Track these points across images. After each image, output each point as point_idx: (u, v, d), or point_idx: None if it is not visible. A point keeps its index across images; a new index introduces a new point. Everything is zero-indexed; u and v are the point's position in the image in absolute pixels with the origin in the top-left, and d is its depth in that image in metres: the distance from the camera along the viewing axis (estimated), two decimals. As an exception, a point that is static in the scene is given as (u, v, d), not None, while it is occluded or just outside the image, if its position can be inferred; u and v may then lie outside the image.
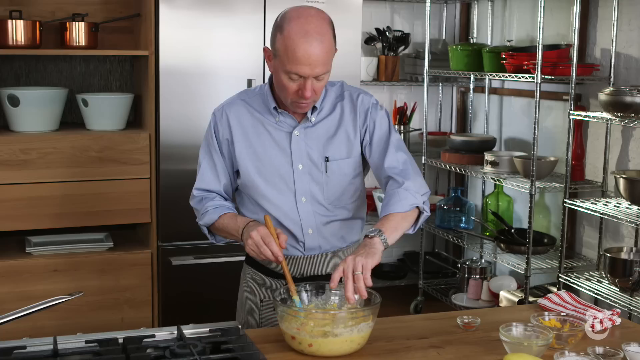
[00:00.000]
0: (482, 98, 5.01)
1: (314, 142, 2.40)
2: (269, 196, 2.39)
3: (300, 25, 2.19)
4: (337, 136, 2.42)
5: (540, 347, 2.03)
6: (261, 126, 2.40)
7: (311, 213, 2.41)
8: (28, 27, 3.82)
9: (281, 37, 2.21)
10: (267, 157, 2.39)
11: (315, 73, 2.21)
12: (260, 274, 2.49)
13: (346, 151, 2.42)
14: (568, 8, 4.13)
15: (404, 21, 5.20)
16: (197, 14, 3.87)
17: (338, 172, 2.42)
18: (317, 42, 2.18)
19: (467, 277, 4.62)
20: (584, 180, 4.06)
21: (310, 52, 2.18)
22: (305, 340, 2.04)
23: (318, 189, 2.41)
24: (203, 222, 2.41)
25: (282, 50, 2.21)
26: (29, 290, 3.75)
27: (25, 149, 3.73)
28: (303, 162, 2.39)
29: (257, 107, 2.41)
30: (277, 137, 2.39)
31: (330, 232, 2.45)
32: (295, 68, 2.20)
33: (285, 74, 2.23)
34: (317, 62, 2.20)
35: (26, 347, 1.99)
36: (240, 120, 2.40)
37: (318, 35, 2.19)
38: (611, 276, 3.45)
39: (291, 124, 2.39)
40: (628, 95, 3.37)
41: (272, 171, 2.39)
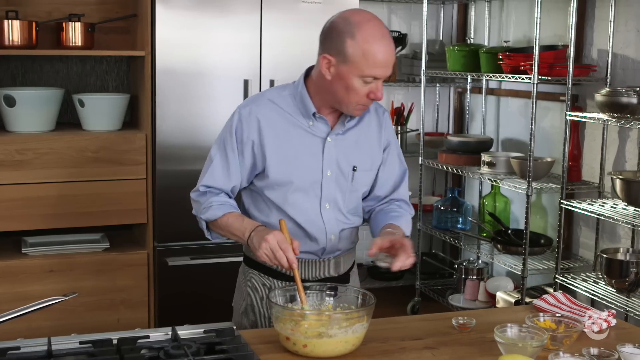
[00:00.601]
0: (479, 99, 5.01)
1: (344, 150, 2.39)
2: (295, 201, 2.37)
3: (375, 29, 2.21)
4: (363, 147, 2.43)
5: (534, 348, 2.03)
6: (293, 129, 2.35)
7: (333, 219, 2.42)
8: (24, 27, 3.81)
9: (354, 41, 2.19)
10: (299, 162, 2.35)
11: (388, 74, 2.25)
12: (271, 278, 2.45)
13: (370, 163, 2.45)
14: (565, 9, 4.13)
15: (401, 22, 5.20)
16: (193, 14, 3.86)
17: (361, 182, 2.45)
18: (391, 43, 2.23)
19: (464, 278, 4.62)
20: (580, 181, 4.06)
21: (388, 54, 2.22)
22: (300, 341, 2.04)
23: (341, 196, 2.41)
24: (205, 216, 2.35)
25: (357, 55, 2.19)
26: (25, 290, 3.74)
27: (22, 149, 3.73)
28: (332, 169, 2.38)
29: (288, 109, 2.36)
30: (309, 141, 2.36)
31: (345, 237, 2.48)
32: (374, 71, 2.20)
33: (360, 78, 2.22)
34: (391, 62, 2.24)
35: (20, 348, 1.98)
36: (271, 123, 2.34)
37: (389, 36, 2.24)
38: (608, 277, 3.45)
39: (325, 130, 2.37)
40: (625, 96, 3.37)
41: (302, 176, 2.36)
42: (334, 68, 2.24)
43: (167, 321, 3.66)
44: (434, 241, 5.48)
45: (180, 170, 3.92)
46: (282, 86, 2.44)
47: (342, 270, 2.50)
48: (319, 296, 2.25)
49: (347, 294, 2.27)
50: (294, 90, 2.39)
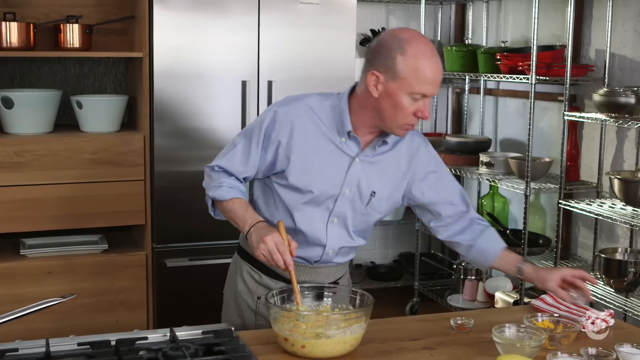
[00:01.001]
0: (477, 99, 5.01)
1: (368, 173, 2.38)
2: (305, 208, 2.37)
3: (425, 45, 2.21)
4: (388, 175, 2.41)
5: (533, 348, 2.03)
6: (324, 141, 2.34)
7: (337, 235, 2.42)
8: (22, 29, 3.81)
9: (404, 57, 2.18)
10: (321, 174, 2.34)
11: (436, 92, 2.25)
12: (260, 272, 2.47)
13: (389, 191, 2.44)
14: (563, 9, 4.14)
15: (399, 22, 5.20)
16: (191, 15, 3.86)
17: (377, 209, 2.44)
18: (439, 61, 2.24)
19: (462, 278, 4.62)
20: (578, 181, 4.06)
21: (437, 71, 2.22)
22: (298, 341, 2.04)
23: (351, 215, 2.41)
24: (212, 194, 2.36)
25: (408, 71, 2.18)
26: (23, 292, 3.74)
27: (20, 151, 3.73)
28: (351, 188, 2.37)
29: (325, 120, 2.34)
30: (336, 157, 2.35)
31: (343, 253, 2.48)
32: (424, 88, 2.19)
33: (409, 95, 2.21)
34: (440, 80, 2.24)
35: (18, 350, 1.98)
36: (304, 129, 2.33)
37: (436, 52, 2.24)
38: (606, 277, 3.45)
39: (355, 150, 2.35)
40: (622, 96, 3.37)
41: (320, 188, 2.35)
42: (382, 85, 2.22)
43: (166, 322, 3.67)
44: (432, 241, 5.48)
45: (178, 172, 3.92)
46: (326, 95, 2.40)
47: (332, 279, 2.50)
48: (316, 296, 2.26)
49: (345, 294, 2.27)
50: (335, 103, 2.36)
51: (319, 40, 4.09)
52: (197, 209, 3.93)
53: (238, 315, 2.52)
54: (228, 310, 2.57)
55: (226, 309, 2.59)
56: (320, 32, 4.07)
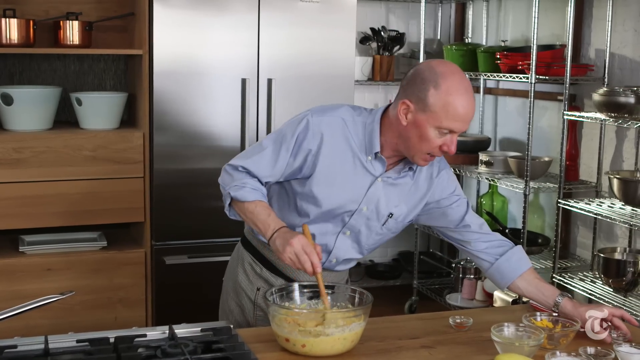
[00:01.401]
0: (476, 98, 4.99)
1: (388, 194, 2.38)
2: (319, 218, 2.36)
3: (460, 82, 2.18)
4: (407, 197, 2.41)
5: (531, 348, 2.03)
6: (351, 156, 2.33)
7: (346, 247, 2.42)
8: (22, 26, 3.81)
9: (437, 91, 2.17)
10: (342, 188, 2.33)
11: (465, 129, 2.23)
12: (261, 265, 2.47)
13: (407, 214, 2.44)
14: (563, 8, 4.13)
15: (399, 21, 5.20)
16: (191, 13, 3.86)
17: (392, 230, 2.45)
18: (473, 99, 2.20)
19: (461, 277, 4.62)
20: (578, 180, 4.07)
21: (469, 109, 2.18)
22: (299, 341, 2.04)
23: (366, 233, 2.41)
24: (234, 194, 2.30)
25: (438, 105, 2.17)
26: (22, 289, 3.74)
27: (19, 147, 3.72)
28: (370, 206, 2.37)
29: (355, 135, 2.34)
30: (360, 174, 2.34)
31: (346, 263, 2.49)
32: (452, 124, 2.17)
33: (436, 129, 2.19)
34: (471, 118, 2.21)
35: (17, 347, 1.98)
36: (333, 141, 2.32)
37: (472, 91, 2.21)
38: (605, 276, 3.46)
39: (379, 170, 2.35)
40: (622, 95, 3.37)
41: (339, 202, 2.34)
42: (412, 115, 2.21)
43: (165, 320, 3.68)
44: (431, 240, 5.48)
45: (177, 169, 3.92)
46: (359, 110, 2.39)
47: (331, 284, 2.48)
48: (316, 295, 2.25)
49: (344, 292, 2.27)
50: (367, 120, 2.35)
51: (319, 39, 4.09)
52: (196, 206, 3.95)
53: (237, 304, 2.52)
54: (227, 298, 2.56)
55: (225, 297, 2.58)
56: (320, 30, 4.07)
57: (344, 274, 2.57)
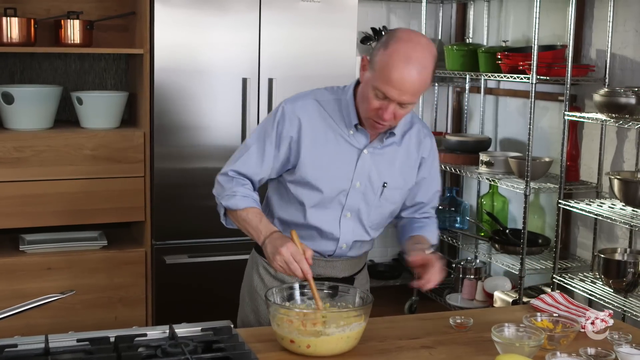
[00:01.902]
0: (477, 98, 5.01)
1: (378, 165, 2.38)
2: (316, 204, 2.37)
3: (407, 49, 2.15)
4: (398, 165, 2.42)
5: (532, 348, 2.03)
6: (332, 134, 2.35)
7: (350, 230, 2.42)
8: (23, 25, 3.81)
9: (383, 52, 2.17)
10: (330, 168, 2.35)
11: (402, 100, 2.18)
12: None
13: (402, 182, 2.44)
14: (564, 9, 4.13)
15: (400, 20, 5.20)
16: (192, 12, 3.86)
17: (390, 200, 2.45)
18: (415, 70, 2.14)
19: (461, 277, 4.62)
20: (578, 181, 4.06)
21: (406, 78, 2.14)
22: (304, 341, 2.04)
23: (366, 209, 2.42)
24: (226, 203, 2.34)
25: (379, 65, 2.17)
26: (22, 288, 3.74)
27: (19, 146, 3.72)
28: (362, 181, 2.38)
29: (332, 113, 2.36)
30: (345, 150, 2.36)
31: (357, 247, 2.49)
32: (385, 88, 2.16)
33: (373, 89, 2.19)
34: (408, 89, 2.16)
35: (17, 346, 1.98)
36: (312, 123, 2.34)
37: (419, 64, 2.15)
38: (605, 277, 3.45)
39: (363, 142, 2.36)
40: (623, 96, 3.37)
41: (330, 182, 2.36)
42: (364, 72, 2.25)
43: (165, 319, 3.68)
44: (431, 240, 5.48)
45: (178, 169, 3.92)
46: (332, 88, 2.42)
47: (347, 274, 2.50)
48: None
49: (345, 293, 2.27)
50: (341, 96, 2.37)
51: (319, 38, 4.09)
52: (196, 206, 3.95)
53: (252, 310, 2.52)
54: (244, 305, 2.58)
55: (242, 305, 2.59)
56: (321, 30, 4.07)
57: (361, 261, 2.56)
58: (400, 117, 2.25)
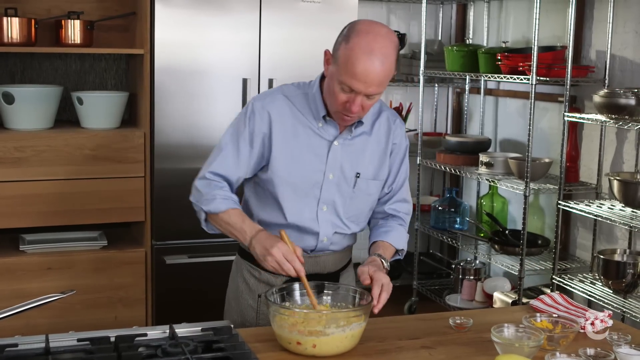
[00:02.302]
0: (477, 99, 5.01)
1: (349, 155, 2.40)
2: (292, 199, 2.38)
3: (368, 41, 2.16)
4: (370, 154, 2.44)
5: (531, 348, 2.04)
6: (301, 128, 2.37)
7: (329, 222, 2.43)
8: (23, 25, 3.81)
9: (345, 46, 2.18)
10: (302, 161, 2.36)
11: (368, 92, 2.20)
12: (260, 269, 2.47)
13: (374, 172, 2.46)
14: (564, 10, 4.14)
15: (400, 21, 5.20)
16: (192, 12, 3.87)
17: (365, 191, 2.45)
18: (379, 62, 2.16)
19: (461, 278, 4.62)
20: (578, 182, 4.07)
21: (370, 71, 2.16)
22: (309, 341, 2.04)
23: (341, 201, 2.42)
24: (207, 208, 2.34)
25: (342, 59, 2.19)
26: (22, 288, 3.74)
27: (20, 146, 3.73)
28: (335, 172, 2.39)
29: (300, 107, 2.38)
30: (316, 142, 2.37)
31: (338, 240, 2.49)
32: (350, 81, 2.18)
33: (339, 83, 2.21)
34: (373, 81, 2.18)
35: (18, 345, 1.99)
36: (282, 118, 2.36)
37: (382, 55, 2.16)
38: (605, 278, 3.46)
39: (333, 133, 2.38)
40: (622, 97, 3.37)
41: (302, 175, 2.37)
42: (328, 66, 2.28)
43: (165, 319, 3.68)
44: (431, 241, 5.49)
45: (178, 169, 3.92)
46: (298, 84, 2.45)
47: (332, 269, 2.51)
48: (316, 294, 2.26)
49: (344, 292, 2.28)
50: (308, 90, 2.40)
51: (319, 39, 4.07)
52: (196, 206, 3.94)
53: (239, 314, 2.52)
54: (230, 310, 2.58)
55: (228, 309, 2.60)
56: (321, 31, 4.07)
57: (346, 255, 2.56)
58: (368, 107, 2.28)
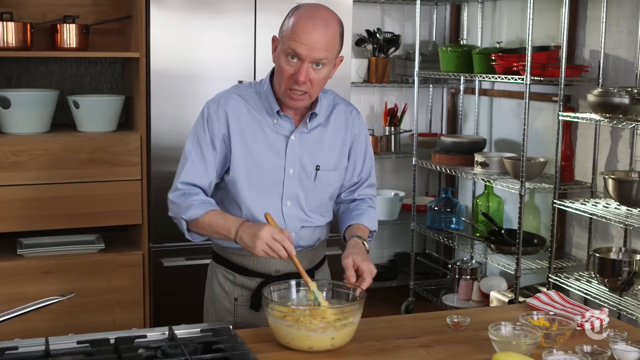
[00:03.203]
0: (472, 99, 5.03)
1: (307, 148, 2.42)
2: (255, 197, 2.39)
3: (309, 11, 2.27)
4: (328, 146, 2.46)
5: (528, 346, 2.05)
6: (257, 126, 2.39)
7: (295, 217, 2.44)
8: (19, 29, 3.82)
9: (288, 20, 2.28)
10: (261, 158, 2.38)
11: (313, 56, 2.24)
12: (234, 273, 2.49)
13: (335, 163, 2.48)
14: (557, 10, 4.16)
15: (395, 23, 5.22)
16: (188, 15, 3.88)
17: (325, 182, 2.47)
18: (320, 25, 2.24)
19: (457, 278, 4.64)
20: (573, 181, 4.09)
21: (312, 33, 2.23)
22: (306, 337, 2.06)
23: (303, 195, 2.44)
24: (186, 216, 2.36)
25: (285, 30, 2.27)
26: (20, 291, 3.74)
27: (16, 150, 3.73)
28: (295, 167, 2.41)
29: (254, 105, 2.40)
30: (273, 139, 2.39)
31: (307, 235, 2.49)
32: (294, 44, 2.23)
33: (284, 55, 2.26)
34: (316, 44, 2.23)
35: (18, 348, 1.99)
36: (237, 117, 2.38)
37: (323, 21, 2.25)
38: (600, 276, 3.47)
39: (289, 128, 2.40)
40: (616, 96, 3.39)
41: (263, 172, 2.39)
42: (276, 52, 2.33)
43: (163, 322, 3.68)
44: (427, 241, 5.50)
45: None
46: (250, 84, 2.48)
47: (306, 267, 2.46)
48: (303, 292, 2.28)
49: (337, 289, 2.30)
50: (259, 88, 2.43)
51: (315, 41, 4.10)
52: (193, 208, 3.95)
53: (216, 318, 2.53)
54: (208, 315, 2.59)
55: (206, 315, 2.60)
56: (316, 33, 4.08)
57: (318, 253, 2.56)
58: (316, 81, 2.29)
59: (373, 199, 2.61)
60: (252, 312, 2.47)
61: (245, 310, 2.48)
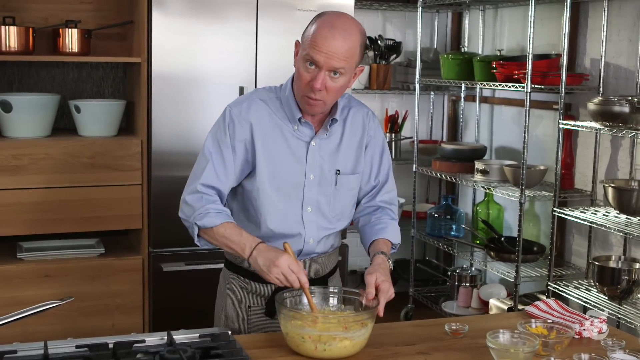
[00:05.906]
0: (472, 107, 5.04)
1: (327, 153, 2.42)
2: (276, 202, 2.39)
3: (332, 20, 2.26)
4: (346, 150, 2.46)
5: (526, 354, 2.05)
6: (279, 131, 2.39)
7: (315, 224, 2.44)
8: (21, 33, 3.83)
9: (311, 26, 2.29)
10: (282, 164, 2.38)
11: (330, 64, 2.24)
12: (248, 280, 2.48)
13: (354, 166, 2.48)
14: (558, 18, 4.17)
15: (396, 30, 5.23)
16: (189, 21, 3.88)
17: (346, 187, 2.47)
18: (340, 35, 2.24)
19: (457, 285, 4.64)
20: (573, 189, 4.09)
21: (331, 41, 2.23)
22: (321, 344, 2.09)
23: (325, 200, 2.44)
24: (201, 223, 2.32)
25: (307, 36, 2.28)
26: (19, 295, 3.75)
27: (17, 154, 3.74)
28: (315, 172, 2.41)
29: (276, 111, 2.41)
30: (293, 145, 2.39)
31: (325, 241, 2.50)
32: (312, 52, 2.23)
33: (303, 61, 2.27)
34: (334, 53, 2.23)
35: (17, 352, 2.00)
36: (261, 122, 2.39)
37: (343, 31, 2.25)
38: (600, 284, 3.47)
39: (309, 134, 2.41)
40: (617, 105, 3.39)
41: (284, 178, 2.39)
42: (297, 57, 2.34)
43: (162, 326, 3.69)
44: (427, 248, 5.50)
45: (175, 176, 3.93)
46: (270, 88, 2.48)
47: (320, 273, 2.51)
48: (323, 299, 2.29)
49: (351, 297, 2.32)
50: (280, 94, 2.44)
51: (316, 47, 4.10)
52: (193, 213, 3.95)
53: (229, 327, 2.51)
54: (219, 323, 2.57)
55: (217, 323, 2.59)
56: (317, 39, 4.09)
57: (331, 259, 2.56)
58: (332, 90, 2.29)
59: (394, 209, 2.60)
60: (265, 320, 2.47)
61: (258, 317, 2.48)
